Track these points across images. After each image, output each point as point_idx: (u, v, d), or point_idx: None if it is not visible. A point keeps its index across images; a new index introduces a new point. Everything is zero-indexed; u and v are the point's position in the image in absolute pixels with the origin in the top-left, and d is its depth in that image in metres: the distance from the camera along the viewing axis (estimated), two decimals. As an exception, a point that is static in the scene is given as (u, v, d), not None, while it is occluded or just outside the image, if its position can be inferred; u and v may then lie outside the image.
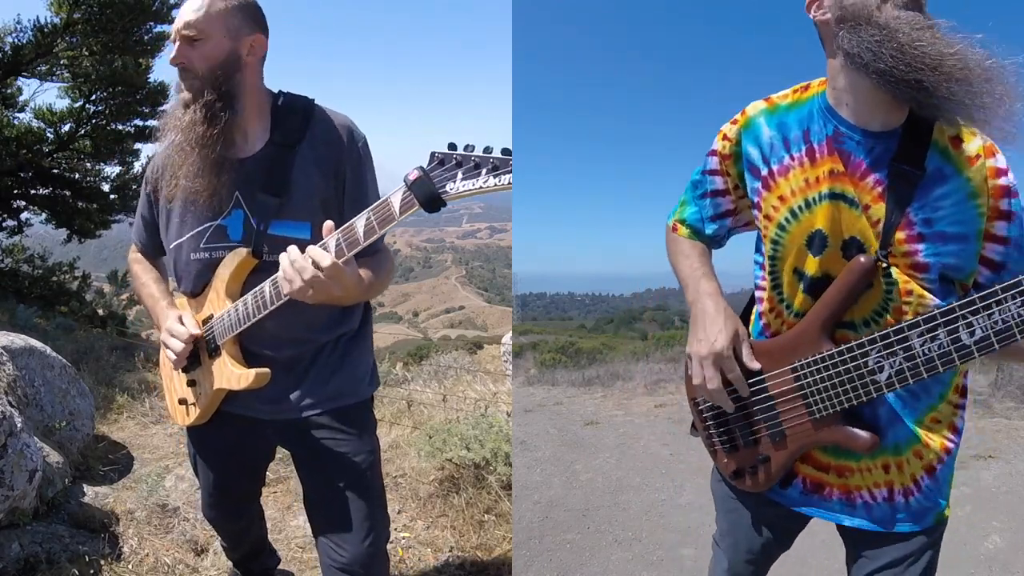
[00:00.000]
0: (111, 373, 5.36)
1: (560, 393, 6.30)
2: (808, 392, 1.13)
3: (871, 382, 1.04)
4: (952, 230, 1.00)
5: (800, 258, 1.10)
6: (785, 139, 1.10)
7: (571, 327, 37.91)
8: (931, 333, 0.96)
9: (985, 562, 2.65)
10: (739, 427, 1.25)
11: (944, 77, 0.89)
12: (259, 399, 1.56)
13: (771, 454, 1.22)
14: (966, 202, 1.00)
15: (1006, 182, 1.00)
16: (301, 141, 1.48)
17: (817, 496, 1.23)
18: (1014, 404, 4.79)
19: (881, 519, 1.19)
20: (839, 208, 1.04)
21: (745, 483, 1.29)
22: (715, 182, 1.24)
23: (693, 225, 1.31)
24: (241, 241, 1.48)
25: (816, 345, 1.10)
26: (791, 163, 1.09)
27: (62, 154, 11.37)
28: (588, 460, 4.12)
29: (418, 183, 1.16)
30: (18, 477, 2.29)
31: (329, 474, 1.62)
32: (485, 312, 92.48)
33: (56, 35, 9.90)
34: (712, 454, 1.35)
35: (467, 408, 4.05)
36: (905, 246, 1.01)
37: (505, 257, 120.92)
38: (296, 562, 2.50)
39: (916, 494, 1.16)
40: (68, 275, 12.08)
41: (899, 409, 1.12)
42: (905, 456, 1.14)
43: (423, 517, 2.84)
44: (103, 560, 2.34)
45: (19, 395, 2.91)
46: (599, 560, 2.84)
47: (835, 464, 1.20)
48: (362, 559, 1.61)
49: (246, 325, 1.45)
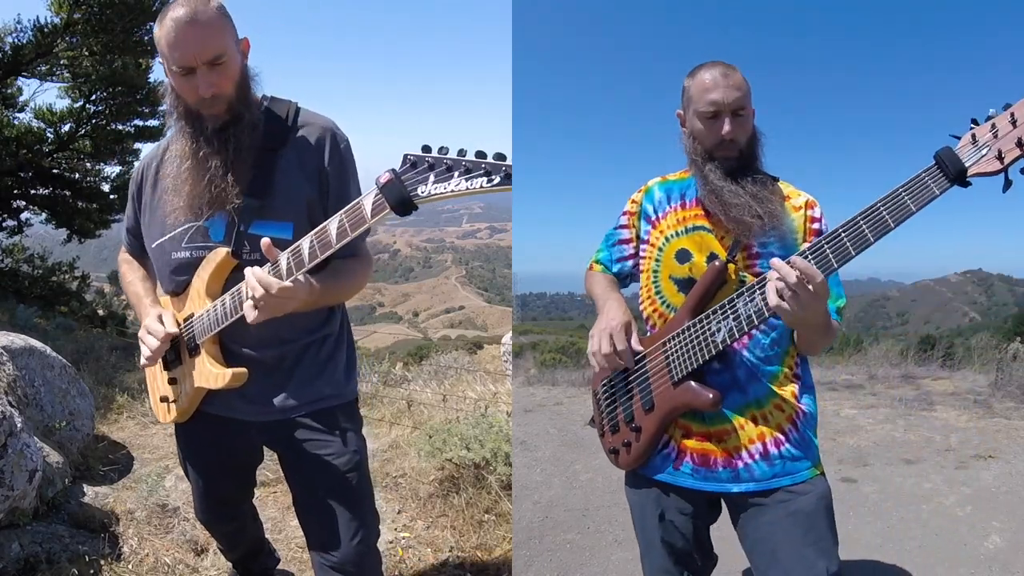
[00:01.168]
0: (111, 373, 5.37)
1: (560, 393, 6.30)
2: (670, 359, 1.42)
3: (711, 342, 1.35)
4: (779, 253, 1.38)
5: (672, 268, 1.48)
6: (669, 197, 1.56)
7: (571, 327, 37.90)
8: (750, 297, 1.31)
9: (985, 562, 2.65)
10: (622, 406, 1.51)
11: (729, 213, 1.41)
12: (242, 400, 1.56)
13: (643, 423, 1.46)
14: (790, 235, 1.44)
15: (818, 227, 1.45)
16: (284, 144, 1.48)
17: (705, 469, 1.43)
18: (1014, 404, 4.79)
19: (761, 476, 1.40)
20: (702, 236, 1.47)
21: (619, 458, 1.53)
22: (623, 234, 1.63)
23: (604, 263, 1.68)
24: (223, 242, 1.49)
25: (682, 324, 1.42)
26: (670, 210, 1.54)
27: (62, 154, 11.38)
28: (588, 460, 4.12)
29: (389, 186, 1.16)
30: (18, 477, 2.29)
31: (315, 475, 1.62)
32: (485, 312, 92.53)
33: (56, 35, 9.90)
34: (601, 437, 1.60)
35: (467, 408, 4.05)
36: (746, 261, 1.43)
37: (505, 257, 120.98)
38: (296, 562, 2.50)
39: (786, 444, 1.40)
40: (68, 275, 12.09)
41: (753, 371, 1.42)
42: (767, 408, 1.41)
43: (423, 517, 2.84)
44: (103, 560, 2.34)
45: (19, 395, 2.91)
46: (599, 560, 2.84)
47: (714, 431, 1.42)
48: (353, 558, 1.61)
49: (225, 324, 1.45)
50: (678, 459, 1.45)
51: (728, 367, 1.41)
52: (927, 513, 3.12)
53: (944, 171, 1.11)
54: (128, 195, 1.68)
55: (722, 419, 1.41)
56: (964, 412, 4.71)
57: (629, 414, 1.49)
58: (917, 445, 4.10)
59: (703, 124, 1.43)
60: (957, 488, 3.40)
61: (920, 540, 2.83)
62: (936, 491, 3.37)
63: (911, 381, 5.71)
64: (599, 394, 1.58)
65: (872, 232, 1.16)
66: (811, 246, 1.21)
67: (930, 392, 5.27)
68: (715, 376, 1.40)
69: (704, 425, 1.43)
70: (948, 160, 1.11)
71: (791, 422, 1.41)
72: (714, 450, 1.42)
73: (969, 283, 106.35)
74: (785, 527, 1.36)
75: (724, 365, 1.40)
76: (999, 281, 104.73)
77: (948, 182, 1.11)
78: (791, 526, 1.36)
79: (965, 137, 1.12)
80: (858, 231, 1.17)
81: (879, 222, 1.15)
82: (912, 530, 2.93)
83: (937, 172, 1.12)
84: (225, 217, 1.49)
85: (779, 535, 1.36)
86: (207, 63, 1.36)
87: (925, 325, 63.48)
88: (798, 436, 1.41)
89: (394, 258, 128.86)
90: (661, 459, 1.48)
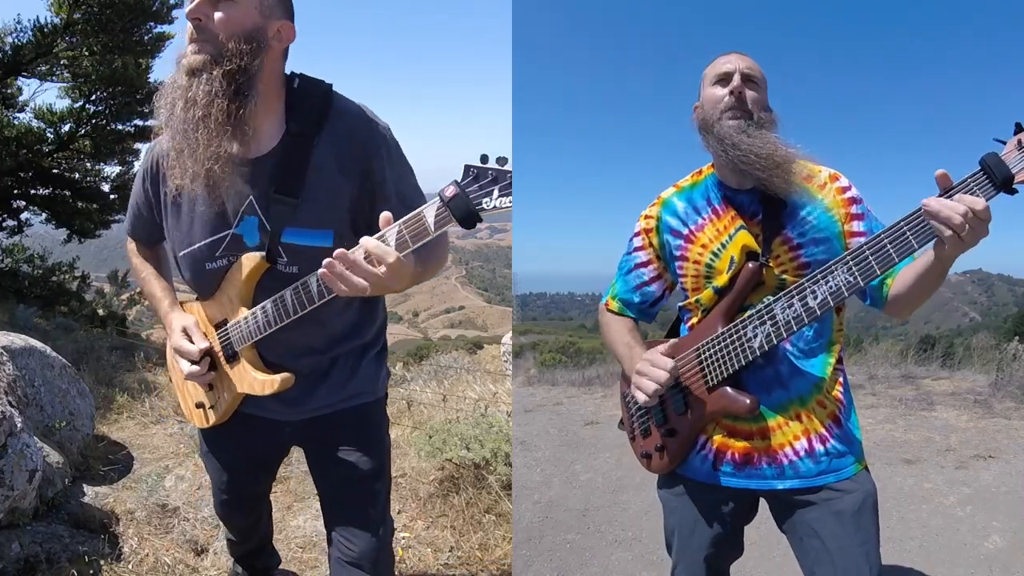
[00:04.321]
0: (111, 373, 5.37)
1: (560, 393, 6.30)
2: (704, 365, 1.38)
3: (748, 347, 1.32)
4: (819, 235, 1.35)
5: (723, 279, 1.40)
6: (695, 207, 1.45)
7: (571, 327, 37.92)
8: (788, 302, 1.26)
9: (985, 562, 2.65)
10: (654, 409, 1.48)
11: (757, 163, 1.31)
12: (277, 401, 1.52)
13: (676, 427, 1.44)
14: (824, 215, 1.36)
15: (851, 195, 1.37)
16: (319, 132, 1.36)
17: (748, 467, 1.39)
18: (1014, 404, 4.78)
19: (807, 473, 1.36)
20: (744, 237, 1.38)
21: (652, 462, 1.50)
22: (639, 257, 1.54)
23: (622, 297, 1.58)
24: (258, 247, 1.40)
25: (715, 328, 1.37)
26: (704, 221, 1.43)
27: (62, 154, 11.38)
28: (588, 460, 4.12)
29: (456, 200, 1.14)
30: (18, 477, 2.29)
31: (343, 471, 1.61)
32: (485, 312, 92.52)
33: (56, 35, 9.90)
34: (631, 441, 1.57)
35: (467, 408, 4.05)
36: (789, 254, 1.36)
37: (505, 257, 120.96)
38: (296, 562, 2.50)
39: (830, 440, 1.37)
40: (68, 275, 12.09)
41: (797, 365, 1.37)
42: (810, 406, 1.37)
43: (423, 517, 2.84)
44: (103, 560, 2.34)
45: (19, 395, 2.91)
46: (599, 560, 2.84)
47: (756, 429, 1.38)
48: (371, 554, 1.61)
49: (268, 332, 1.41)
50: (717, 459, 1.42)
51: (771, 362, 1.36)
52: (927, 513, 3.12)
53: (991, 178, 1.08)
54: (137, 183, 1.56)
55: (765, 417, 1.37)
56: (964, 412, 4.70)
57: (661, 418, 1.46)
58: (917, 445, 4.09)
59: (713, 90, 1.37)
60: (957, 488, 3.40)
61: (920, 540, 2.83)
62: (936, 491, 3.37)
63: (911, 381, 5.70)
64: (628, 397, 1.54)
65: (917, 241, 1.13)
66: (893, 229, 1.15)
67: (930, 392, 5.27)
68: (757, 371, 1.36)
69: (747, 423, 1.39)
70: (994, 167, 1.08)
71: (833, 418, 1.38)
72: (757, 448, 1.38)
73: (969, 283, 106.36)
74: (831, 526, 1.33)
75: (766, 360, 1.36)
76: (999, 281, 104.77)
77: (994, 189, 1.08)
78: (837, 526, 1.33)
79: (1011, 143, 1.09)
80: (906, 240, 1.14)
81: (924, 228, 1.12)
82: (912, 530, 2.93)
83: (983, 179, 1.09)
84: (256, 221, 1.39)
85: (825, 534, 1.34)
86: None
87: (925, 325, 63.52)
88: (841, 432, 1.38)
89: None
90: (699, 460, 1.44)
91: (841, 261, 1.20)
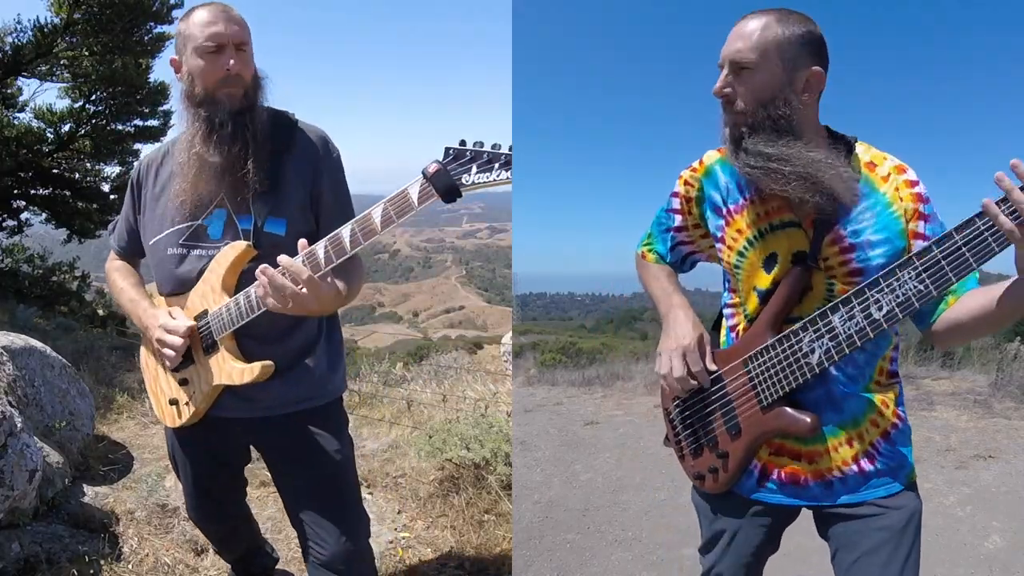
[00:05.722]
0: (111, 373, 5.37)
1: (560, 393, 6.29)
2: (756, 382, 1.27)
3: (805, 364, 1.21)
4: (877, 236, 1.20)
5: (757, 276, 1.28)
6: (738, 183, 1.30)
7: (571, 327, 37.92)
8: (848, 313, 1.14)
9: (985, 562, 2.65)
10: (703, 428, 1.37)
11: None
12: (232, 397, 1.56)
13: (729, 449, 1.34)
14: (885, 211, 1.21)
15: (919, 191, 1.21)
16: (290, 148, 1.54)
17: (793, 486, 1.32)
18: (1014, 404, 4.78)
19: (855, 487, 1.29)
20: (789, 233, 1.24)
21: (706, 483, 1.39)
22: (675, 219, 1.42)
23: (659, 253, 1.48)
24: (220, 240, 1.51)
25: (763, 340, 1.26)
26: (744, 203, 1.28)
27: (62, 154, 11.38)
28: (588, 460, 4.12)
29: (437, 175, 1.23)
30: (18, 477, 2.29)
31: (300, 472, 1.63)
32: (485, 312, 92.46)
33: (56, 35, 9.90)
34: (680, 459, 1.46)
35: (467, 408, 4.05)
36: (840, 257, 1.21)
37: (505, 257, 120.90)
38: (296, 562, 2.50)
39: (879, 457, 1.28)
40: (68, 275, 12.09)
41: (848, 384, 1.26)
42: (863, 427, 1.28)
43: (423, 517, 2.84)
44: (103, 560, 2.34)
45: (19, 395, 2.91)
46: (599, 560, 2.84)
47: (805, 451, 1.29)
48: (342, 556, 1.62)
49: (249, 318, 1.45)
50: (763, 477, 1.34)
51: (822, 382, 1.25)
52: (927, 513, 3.08)
53: None
54: (126, 196, 1.68)
55: (816, 440, 1.28)
56: (964, 412, 4.70)
57: (712, 439, 1.36)
58: (917, 445, 4.05)
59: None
60: (957, 488, 3.40)
61: (920, 540, 2.83)
62: (936, 491, 3.37)
63: (911, 381, 5.69)
64: (672, 414, 1.45)
65: (997, 243, 1.01)
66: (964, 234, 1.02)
67: (930, 392, 5.26)
68: (807, 392, 1.26)
69: (797, 444, 1.30)
70: None
71: (884, 436, 1.29)
72: (804, 470, 1.30)
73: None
74: (873, 542, 1.28)
75: (817, 380, 1.24)
76: (999, 281, 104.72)
77: None
78: (879, 542, 1.28)
79: None
80: (985, 242, 1.02)
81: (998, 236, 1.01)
82: (912, 530, 2.93)
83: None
84: (223, 215, 1.50)
85: (867, 549, 1.28)
86: (235, 45, 1.45)
87: (925, 325, 63.14)
88: (891, 450, 1.29)
89: (394, 258, 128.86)
90: (745, 477, 1.36)
91: (908, 266, 1.07)
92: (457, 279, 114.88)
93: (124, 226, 1.71)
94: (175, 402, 1.63)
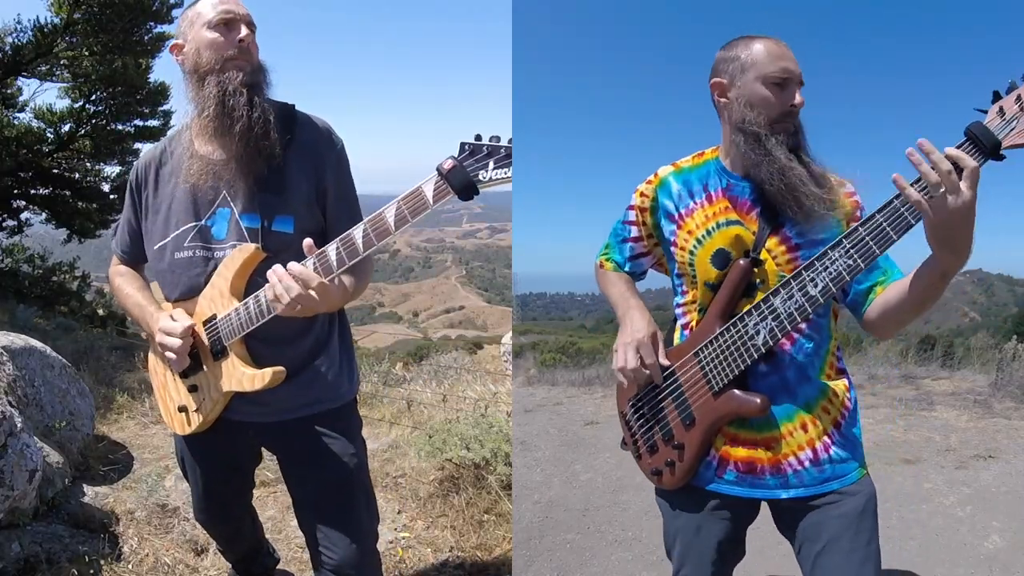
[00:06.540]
0: (111, 373, 5.37)
1: (560, 393, 6.29)
2: (707, 370, 1.35)
3: (752, 346, 1.29)
4: (819, 236, 1.31)
5: (708, 272, 1.37)
6: (689, 191, 1.41)
7: (571, 327, 37.92)
8: (788, 293, 1.24)
9: (985, 562, 2.65)
10: (658, 423, 1.44)
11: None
12: (244, 401, 1.54)
13: (684, 440, 1.39)
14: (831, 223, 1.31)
15: (856, 199, 1.37)
16: (292, 141, 1.49)
17: (751, 476, 1.37)
18: (1014, 404, 4.78)
19: (811, 482, 1.34)
20: (736, 231, 1.35)
21: (664, 478, 1.44)
22: (631, 231, 1.52)
23: (616, 262, 1.57)
24: (225, 240, 1.47)
25: (713, 330, 1.34)
26: (695, 206, 1.40)
27: (62, 154, 11.39)
28: (588, 460, 4.12)
29: (454, 171, 1.19)
30: (18, 477, 2.29)
31: (313, 476, 1.61)
32: (485, 312, 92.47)
33: (56, 35, 9.91)
34: (637, 459, 1.52)
35: (467, 408, 4.05)
36: (787, 255, 1.33)
37: (505, 257, 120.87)
38: (296, 562, 2.50)
39: (832, 447, 1.35)
40: (68, 275, 12.10)
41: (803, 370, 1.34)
42: (816, 412, 1.35)
43: (423, 517, 2.84)
44: (103, 560, 2.34)
45: (19, 395, 2.91)
46: (599, 560, 2.84)
47: (761, 438, 1.35)
48: (351, 560, 1.61)
49: (259, 323, 1.42)
50: (720, 467, 1.39)
51: (776, 368, 1.33)
52: (927, 513, 3.12)
53: (978, 146, 1.08)
54: (126, 198, 1.64)
55: (771, 425, 1.34)
56: (964, 412, 4.70)
57: (667, 432, 1.41)
58: (917, 445, 4.09)
59: (770, 91, 1.30)
60: (957, 488, 3.40)
61: (920, 540, 2.83)
62: (936, 491, 3.37)
63: (911, 381, 5.70)
64: (628, 415, 1.51)
65: (912, 216, 1.13)
66: (869, 221, 1.15)
67: (930, 392, 5.26)
68: (762, 379, 1.33)
69: (752, 432, 1.35)
70: (981, 135, 1.07)
71: (836, 424, 1.36)
72: (761, 457, 1.35)
73: (969, 283, 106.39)
74: (835, 529, 1.32)
75: (772, 367, 1.33)
76: (999, 281, 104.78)
77: (984, 156, 1.08)
78: (841, 528, 1.32)
79: (992, 110, 1.09)
80: (902, 216, 1.14)
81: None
82: (912, 530, 2.93)
83: (972, 148, 1.08)
84: (227, 215, 1.47)
85: (829, 537, 1.32)
86: (246, 23, 1.45)
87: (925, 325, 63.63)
88: (843, 437, 1.36)
89: (394, 258, 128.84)
90: (703, 468, 1.41)
91: (838, 246, 1.19)
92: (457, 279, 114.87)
93: (126, 230, 1.66)
94: (184, 409, 1.60)
